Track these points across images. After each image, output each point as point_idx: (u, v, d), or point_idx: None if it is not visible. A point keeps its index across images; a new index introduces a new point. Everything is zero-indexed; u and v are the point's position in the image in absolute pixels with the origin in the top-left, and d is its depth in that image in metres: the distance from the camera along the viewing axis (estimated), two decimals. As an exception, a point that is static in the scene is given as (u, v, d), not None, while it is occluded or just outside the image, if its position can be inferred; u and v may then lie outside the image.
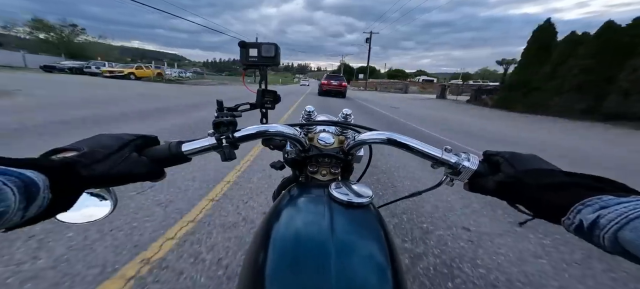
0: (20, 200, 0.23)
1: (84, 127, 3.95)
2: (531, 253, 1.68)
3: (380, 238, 0.37)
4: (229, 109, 0.46)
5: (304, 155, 0.55)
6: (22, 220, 0.25)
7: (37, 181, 0.25)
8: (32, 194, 0.24)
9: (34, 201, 0.24)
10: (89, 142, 0.34)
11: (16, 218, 0.23)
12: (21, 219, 0.24)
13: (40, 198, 0.25)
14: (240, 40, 0.48)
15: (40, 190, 0.25)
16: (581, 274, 1.52)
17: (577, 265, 1.59)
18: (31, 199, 0.24)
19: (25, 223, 0.26)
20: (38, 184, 0.25)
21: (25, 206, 0.24)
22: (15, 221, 0.24)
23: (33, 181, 0.24)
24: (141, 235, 1.53)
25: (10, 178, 0.23)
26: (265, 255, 0.34)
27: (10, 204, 0.22)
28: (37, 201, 0.25)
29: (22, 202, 0.23)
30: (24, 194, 0.23)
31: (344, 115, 0.58)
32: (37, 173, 0.25)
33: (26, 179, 0.24)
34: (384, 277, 0.32)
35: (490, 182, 0.37)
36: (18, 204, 0.23)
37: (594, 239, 0.26)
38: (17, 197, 0.23)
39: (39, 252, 1.31)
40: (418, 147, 0.44)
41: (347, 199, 0.40)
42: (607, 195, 0.26)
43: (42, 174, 0.26)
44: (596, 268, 1.57)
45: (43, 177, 0.26)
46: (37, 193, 0.25)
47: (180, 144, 0.41)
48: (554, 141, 6.41)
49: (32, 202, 0.24)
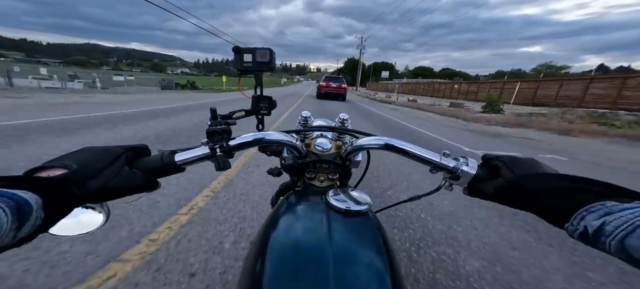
0: (13, 221, 0.23)
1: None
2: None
3: (379, 246, 0.37)
4: (222, 117, 0.45)
5: (301, 161, 0.55)
6: (14, 240, 0.24)
7: (30, 201, 0.24)
8: (25, 214, 0.24)
9: (26, 221, 0.24)
10: (77, 158, 0.33)
11: (8, 238, 0.23)
12: (13, 240, 0.24)
13: (33, 218, 0.25)
14: (235, 46, 0.47)
15: (33, 210, 0.24)
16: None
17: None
18: (24, 220, 0.24)
19: (18, 243, 0.25)
20: (31, 204, 0.24)
21: (18, 227, 0.23)
22: (7, 242, 0.23)
23: (26, 201, 0.24)
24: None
25: (3, 199, 0.22)
26: (262, 264, 0.34)
27: (3, 225, 0.22)
28: (30, 221, 0.24)
29: (14, 223, 0.23)
30: (16, 214, 0.23)
31: (341, 120, 0.58)
32: (30, 193, 0.25)
33: (19, 199, 0.23)
34: (383, 285, 0.32)
35: (490, 187, 0.37)
36: (10, 224, 0.22)
37: (599, 246, 0.25)
38: (9, 218, 0.22)
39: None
40: (416, 152, 0.44)
41: (345, 207, 0.40)
42: (611, 201, 0.26)
43: (35, 194, 0.25)
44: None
45: (36, 197, 0.25)
46: (30, 213, 0.24)
47: (173, 154, 0.40)
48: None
49: (24, 222, 0.24)
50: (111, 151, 0.36)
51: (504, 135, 6.76)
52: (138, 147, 0.40)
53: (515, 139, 6.31)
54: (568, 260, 1.58)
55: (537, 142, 5.97)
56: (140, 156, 0.39)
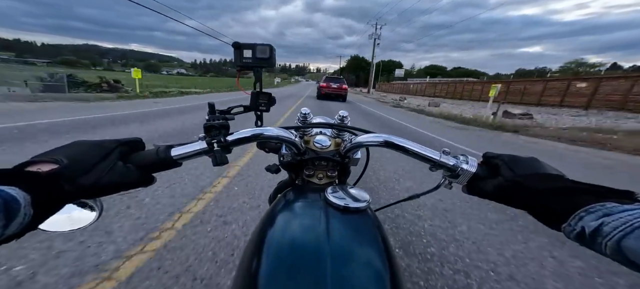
0: (0, 218, 0.22)
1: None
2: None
3: (378, 243, 0.37)
4: (221, 112, 0.44)
5: (300, 158, 0.54)
6: (1, 238, 0.23)
7: (18, 197, 0.23)
8: (13, 211, 0.23)
9: (14, 219, 0.23)
10: (68, 152, 0.32)
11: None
12: (0, 237, 0.23)
13: (21, 215, 0.24)
14: (234, 41, 0.46)
15: (21, 207, 0.24)
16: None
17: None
18: (11, 217, 0.23)
19: (5, 240, 0.24)
20: (19, 201, 0.23)
21: (5, 224, 0.22)
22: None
23: (14, 198, 0.23)
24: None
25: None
26: (259, 261, 0.33)
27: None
28: (17, 218, 0.23)
29: (1, 221, 0.22)
30: (3, 211, 0.22)
31: (340, 117, 0.57)
32: (18, 190, 0.24)
33: (6, 196, 0.23)
34: (381, 283, 0.31)
35: (489, 186, 0.37)
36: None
37: (595, 247, 0.25)
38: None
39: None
40: (416, 149, 0.43)
41: (343, 204, 0.39)
42: (610, 202, 0.25)
43: (23, 190, 0.24)
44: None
45: (23, 194, 0.24)
46: (17, 210, 0.23)
47: (169, 149, 0.39)
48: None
49: (12, 219, 0.23)
50: (104, 145, 0.34)
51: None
52: (132, 141, 0.38)
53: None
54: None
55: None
56: (134, 150, 0.38)
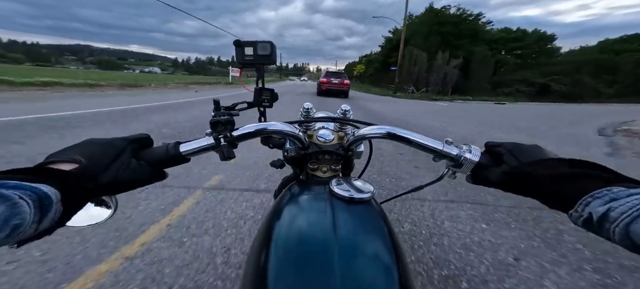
0: (35, 213, 0.23)
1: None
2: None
3: (384, 233, 0.37)
4: (226, 108, 0.45)
5: (304, 152, 0.55)
6: (36, 232, 0.25)
7: (50, 194, 0.25)
8: (46, 207, 0.24)
9: (47, 214, 0.24)
10: (84, 151, 0.32)
11: (31, 230, 0.23)
12: (35, 232, 0.24)
13: (53, 211, 0.25)
14: (235, 39, 0.47)
15: (53, 203, 0.25)
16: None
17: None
18: (45, 212, 0.24)
19: (38, 236, 0.25)
20: (51, 197, 0.25)
21: (40, 219, 0.24)
22: (30, 233, 0.24)
23: (46, 195, 0.24)
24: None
25: (26, 192, 0.23)
26: (267, 254, 0.33)
27: (26, 217, 0.22)
28: (50, 213, 0.25)
29: (36, 215, 0.23)
30: (38, 207, 0.23)
31: (343, 111, 0.59)
32: (50, 187, 0.25)
33: (40, 192, 0.24)
34: (389, 272, 0.32)
35: (493, 174, 0.37)
36: (33, 217, 0.23)
37: (603, 233, 0.25)
38: (32, 211, 0.23)
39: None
40: (419, 140, 0.44)
41: (348, 195, 0.40)
42: (617, 187, 0.25)
43: (54, 188, 0.25)
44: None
45: (54, 191, 0.25)
46: (50, 206, 0.24)
47: (178, 145, 0.40)
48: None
49: (45, 215, 0.24)
50: (116, 143, 0.35)
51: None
52: (141, 138, 0.39)
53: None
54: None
55: None
56: (143, 147, 0.40)
